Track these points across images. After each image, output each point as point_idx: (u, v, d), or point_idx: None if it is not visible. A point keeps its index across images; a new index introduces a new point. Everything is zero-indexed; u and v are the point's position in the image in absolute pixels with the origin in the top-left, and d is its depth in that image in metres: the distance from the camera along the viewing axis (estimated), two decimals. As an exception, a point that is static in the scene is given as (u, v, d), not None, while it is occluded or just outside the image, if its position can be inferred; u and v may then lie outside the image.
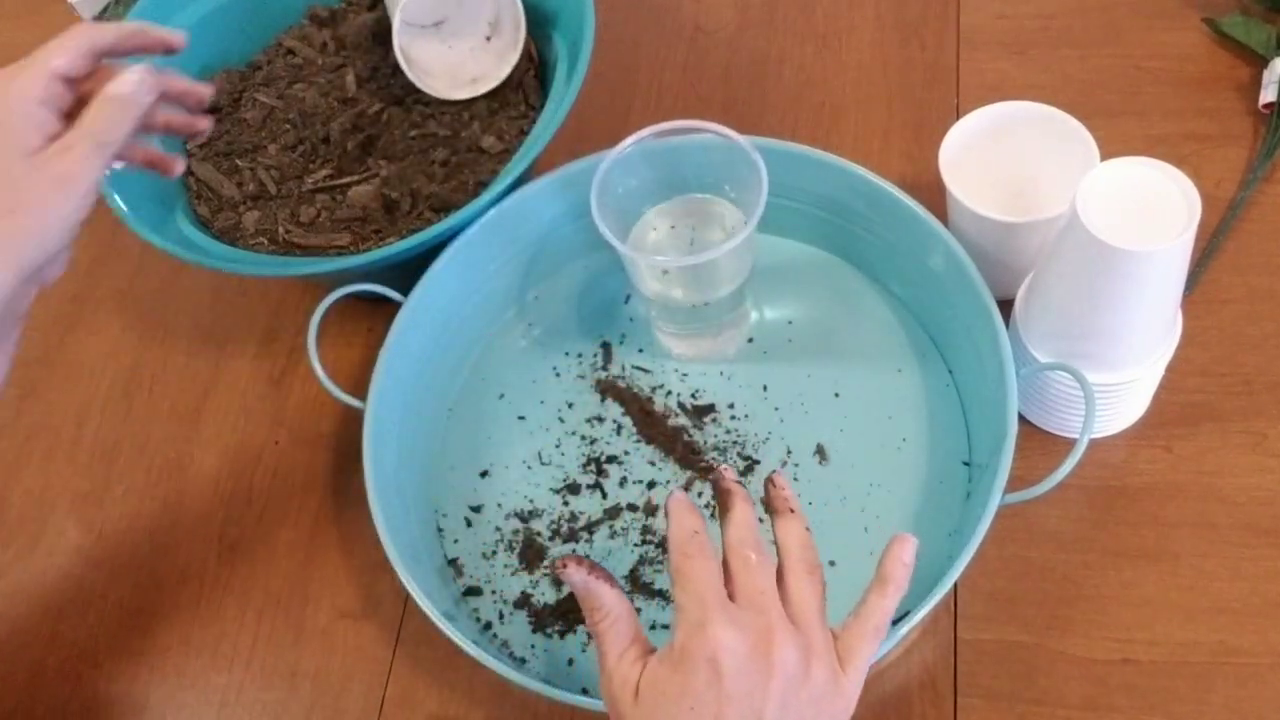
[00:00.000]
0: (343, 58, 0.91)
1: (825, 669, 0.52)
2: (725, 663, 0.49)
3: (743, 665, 0.50)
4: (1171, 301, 0.65)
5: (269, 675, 0.74)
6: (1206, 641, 0.67)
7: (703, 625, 0.50)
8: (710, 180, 0.75)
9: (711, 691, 0.49)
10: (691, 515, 0.55)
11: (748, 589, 0.53)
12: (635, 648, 0.54)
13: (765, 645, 0.50)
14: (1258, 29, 0.86)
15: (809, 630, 0.52)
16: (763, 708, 0.50)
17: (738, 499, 0.57)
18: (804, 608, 0.53)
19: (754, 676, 0.50)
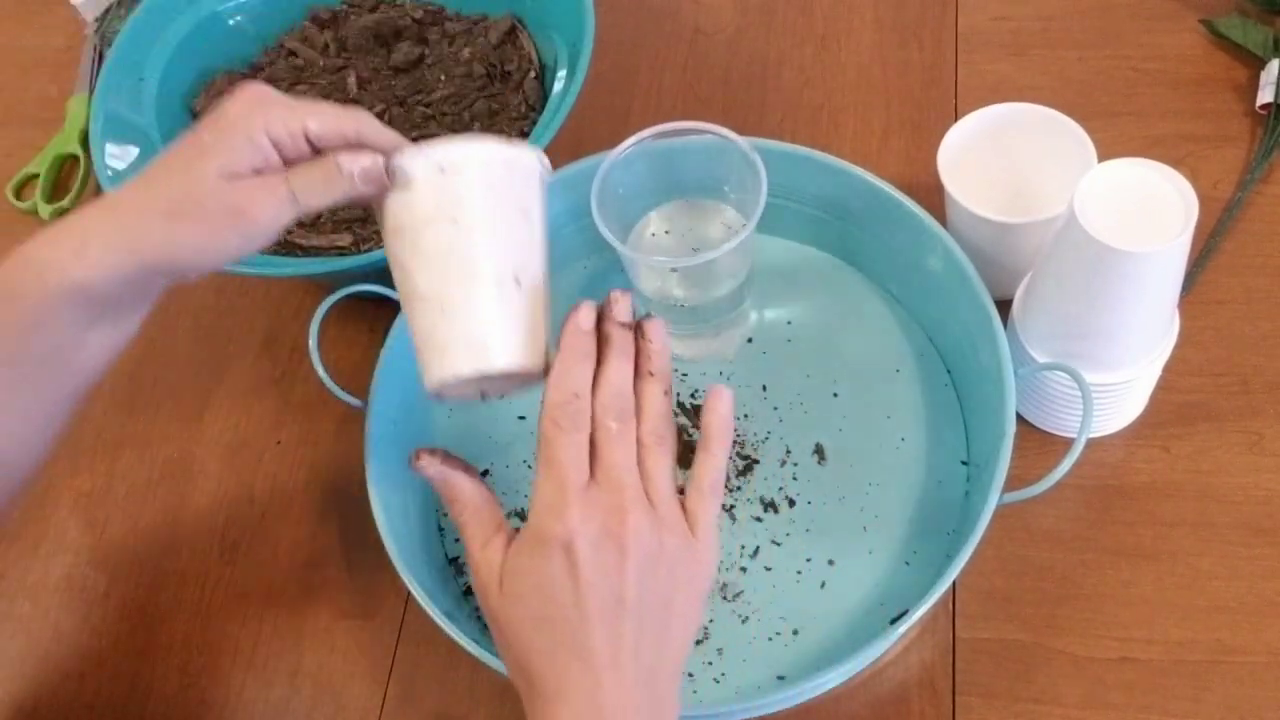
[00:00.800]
0: (344, 59, 0.91)
1: (677, 539, 0.53)
2: (580, 549, 0.50)
3: (597, 550, 0.51)
4: (1169, 302, 0.65)
5: (270, 674, 0.74)
6: (1204, 640, 0.67)
7: (558, 510, 0.51)
8: (710, 181, 0.76)
9: (569, 578, 0.50)
10: (580, 367, 0.54)
11: (606, 464, 0.52)
12: (499, 536, 0.54)
13: (618, 526, 0.51)
14: (1255, 30, 0.86)
15: (660, 503, 0.53)
16: (621, 588, 0.51)
17: (614, 351, 0.55)
18: (654, 481, 0.53)
19: (609, 559, 0.51)
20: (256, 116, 0.55)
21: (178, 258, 0.55)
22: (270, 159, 0.56)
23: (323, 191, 0.55)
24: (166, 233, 0.55)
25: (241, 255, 0.55)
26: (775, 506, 0.74)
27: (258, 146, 0.55)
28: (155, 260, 0.55)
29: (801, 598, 0.71)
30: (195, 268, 0.55)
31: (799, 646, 0.69)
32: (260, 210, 0.54)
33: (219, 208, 0.54)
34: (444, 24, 0.92)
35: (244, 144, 0.55)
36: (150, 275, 0.55)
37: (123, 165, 0.83)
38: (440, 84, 0.88)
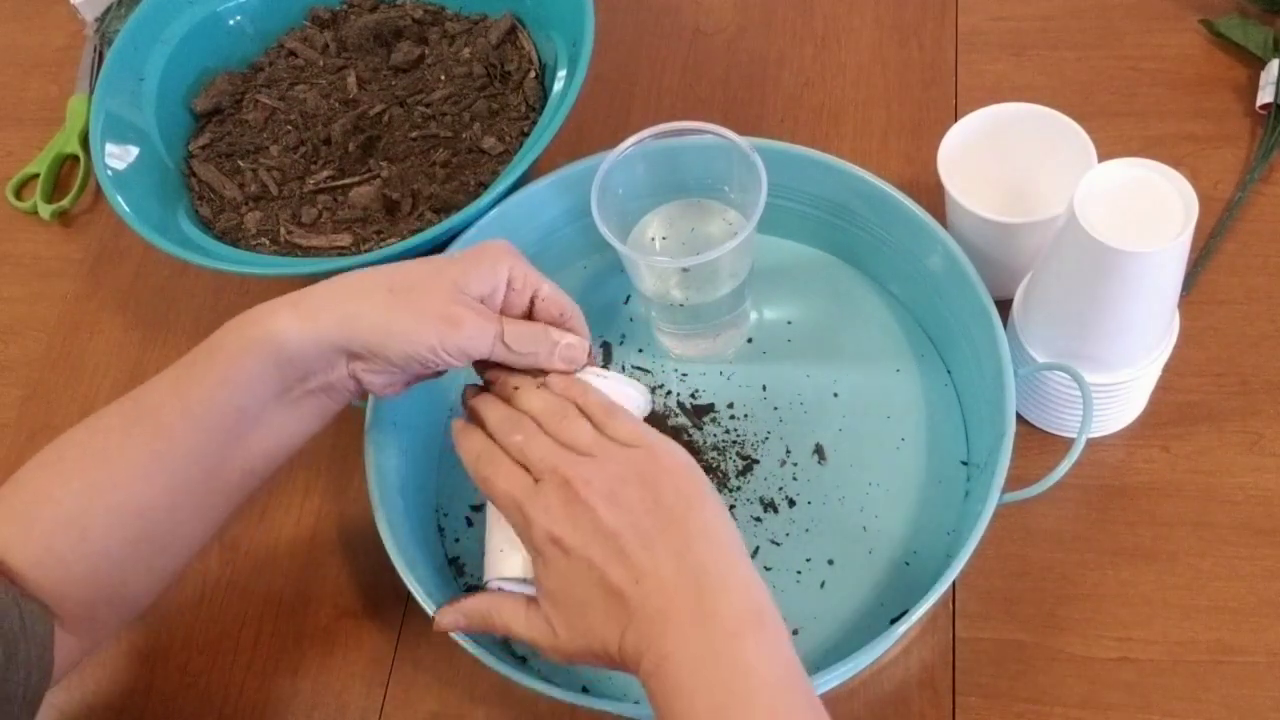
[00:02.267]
0: (344, 59, 0.91)
1: (620, 459, 0.56)
2: (562, 534, 0.54)
3: (571, 519, 0.54)
4: (1169, 302, 0.65)
5: (270, 674, 0.74)
6: (1203, 640, 0.67)
7: (526, 522, 0.56)
8: (710, 181, 0.76)
9: (575, 562, 0.54)
10: (467, 438, 0.60)
11: (531, 463, 0.57)
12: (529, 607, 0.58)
13: (570, 492, 0.55)
14: (1255, 30, 0.86)
15: (588, 449, 0.56)
16: (618, 533, 0.54)
17: (480, 403, 0.62)
18: (572, 440, 0.57)
19: (582, 517, 0.54)
20: (506, 257, 0.61)
21: (378, 329, 0.58)
22: (498, 293, 0.61)
23: (527, 344, 0.60)
24: (383, 303, 0.59)
25: (427, 362, 0.59)
26: (775, 506, 0.74)
27: (496, 276, 0.61)
28: (357, 327, 0.58)
29: (801, 598, 0.71)
30: (385, 349, 0.59)
31: (799, 646, 0.68)
32: (469, 327, 0.58)
33: (438, 306, 0.59)
34: (444, 24, 0.92)
35: (487, 269, 0.61)
36: (338, 351, 0.59)
37: (122, 165, 0.83)
38: (440, 84, 0.88)
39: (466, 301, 0.59)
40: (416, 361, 0.59)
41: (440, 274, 0.60)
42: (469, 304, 0.59)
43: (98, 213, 0.97)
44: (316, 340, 0.59)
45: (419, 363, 0.59)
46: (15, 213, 0.98)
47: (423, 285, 0.60)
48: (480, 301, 0.61)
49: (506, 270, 0.61)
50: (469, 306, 0.59)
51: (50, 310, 0.92)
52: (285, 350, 0.59)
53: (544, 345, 0.61)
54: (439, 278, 0.60)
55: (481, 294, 0.60)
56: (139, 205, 0.80)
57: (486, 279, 0.61)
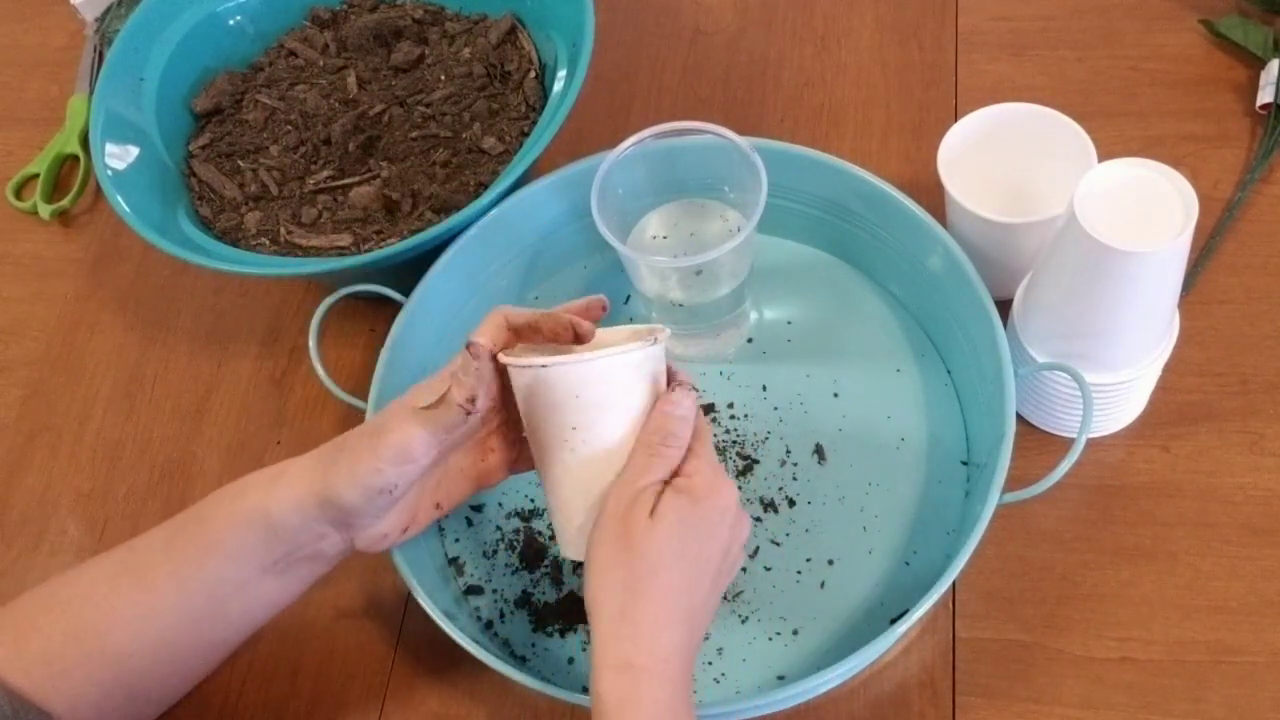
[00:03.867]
0: (344, 59, 0.91)
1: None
2: (733, 513, 0.59)
3: (736, 519, 0.60)
4: (1169, 302, 0.65)
5: (270, 674, 0.74)
6: (1204, 640, 0.67)
7: (717, 485, 0.58)
8: (710, 181, 0.76)
9: (723, 529, 0.59)
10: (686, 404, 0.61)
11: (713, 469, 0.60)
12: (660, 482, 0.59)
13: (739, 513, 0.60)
14: (1255, 30, 0.86)
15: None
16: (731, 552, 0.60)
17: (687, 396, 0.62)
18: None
19: (738, 529, 0.60)
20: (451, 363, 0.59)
21: (332, 489, 0.58)
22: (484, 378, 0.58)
23: (432, 391, 0.57)
24: (332, 459, 0.59)
25: (379, 480, 0.58)
26: (775, 506, 0.74)
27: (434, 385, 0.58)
28: (319, 490, 0.58)
29: (801, 598, 0.71)
30: (341, 497, 0.58)
31: (799, 646, 0.69)
32: (389, 427, 0.57)
33: (365, 431, 0.59)
34: (444, 24, 0.92)
35: (425, 386, 0.59)
36: (318, 512, 0.59)
37: (122, 165, 0.83)
38: (440, 84, 0.88)
39: (385, 411, 0.59)
40: (373, 492, 0.58)
41: (396, 402, 0.59)
42: (394, 405, 0.59)
43: (98, 213, 0.97)
44: (298, 511, 0.59)
45: (376, 492, 0.58)
46: (15, 213, 0.98)
47: (365, 425, 0.60)
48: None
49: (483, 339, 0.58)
50: (393, 407, 0.59)
51: (50, 310, 0.92)
52: (274, 525, 0.59)
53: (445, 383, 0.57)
54: (382, 413, 0.59)
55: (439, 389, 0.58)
56: (139, 205, 0.80)
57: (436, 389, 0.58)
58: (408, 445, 0.57)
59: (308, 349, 0.73)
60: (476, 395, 0.57)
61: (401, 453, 0.57)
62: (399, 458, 0.57)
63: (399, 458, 0.57)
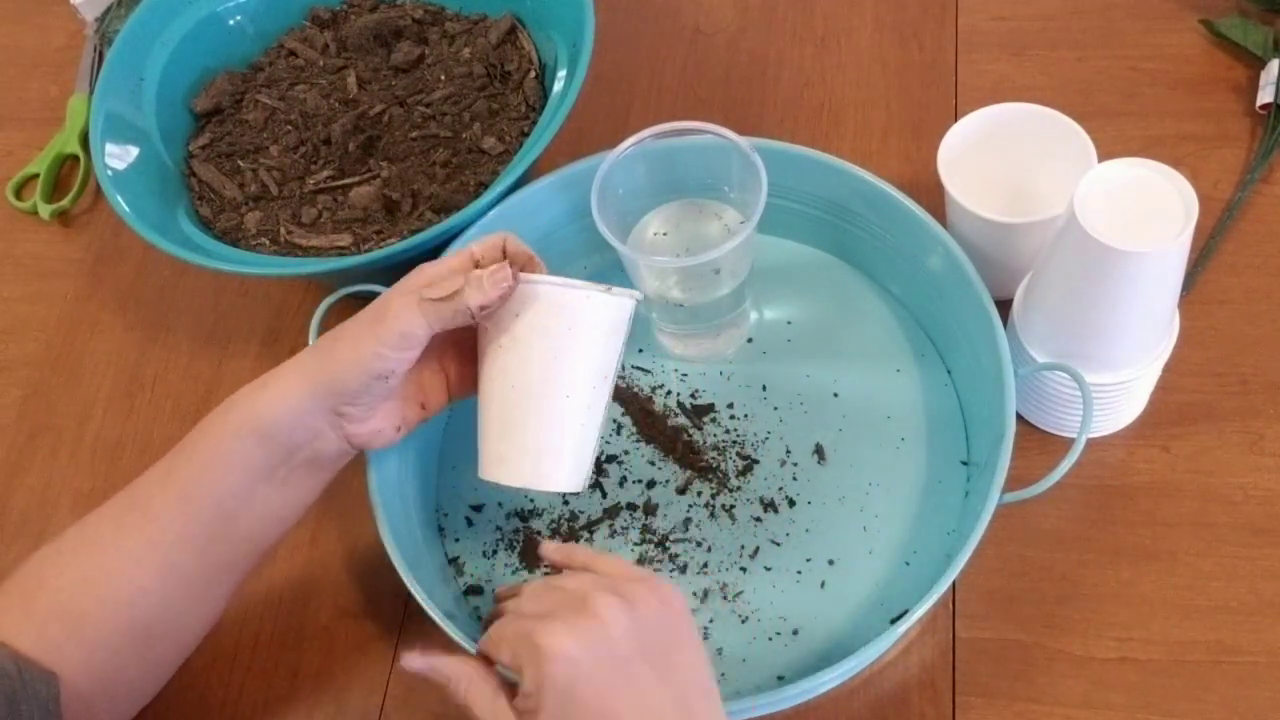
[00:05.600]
0: (344, 59, 0.91)
1: (640, 585, 0.55)
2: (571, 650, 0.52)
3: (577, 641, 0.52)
4: (1169, 302, 0.65)
5: (270, 674, 0.74)
6: (1204, 640, 0.67)
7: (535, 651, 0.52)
8: (710, 181, 0.76)
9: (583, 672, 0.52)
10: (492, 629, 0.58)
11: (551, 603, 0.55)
12: (502, 695, 0.56)
13: (583, 606, 0.53)
14: (1255, 30, 0.86)
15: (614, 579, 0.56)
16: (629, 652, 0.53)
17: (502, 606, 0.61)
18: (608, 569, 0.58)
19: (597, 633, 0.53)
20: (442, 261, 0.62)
21: (330, 373, 0.59)
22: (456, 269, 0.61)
23: (446, 286, 0.59)
24: (326, 350, 0.60)
25: (378, 364, 0.59)
26: (775, 506, 0.74)
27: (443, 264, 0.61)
28: (315, 383, 0.59)
29: (801, 598, 0.71)
30: (341, 381, 0.59)
31: (799, 646, 0.69)
32: (393, 309, 0.59)
33: (365, 319, 0.60)
34: (444, 24, 0.92)
35: (417, 274, 0.61)
36: (312, 403, 0.60)
37: (122, 165, 0.83)
38: (440, 84, 0.88)
39: (384, 297, 0.61)
40: (371, 376, 0.59)
41: (396, 290, 0.61)
42: (385, 297, 0.60)
43: (98, 213, 0.97)
44: (290, 410, 0.59)
45: (374, 375, 0.59)
46: (15, 213, 0.98)
47: (363, 313, 0.61)
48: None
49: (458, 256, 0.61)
50: (386, 298, 0.60)
51: (50, 310, 0.92)
52: (266, 427, 0.60)
53: (459, 280, 0.59)
54: (381, 299, 0.61)
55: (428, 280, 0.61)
56: (139, 205, 0.80)
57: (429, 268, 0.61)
58: (410, 330, 0.59)
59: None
60: (491, 306, 0.60)
61: (403, 337, 0.59)
62: (402, 342, 0.59)
63: (402, 342, 0.59)
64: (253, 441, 0.60)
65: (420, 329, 0.59)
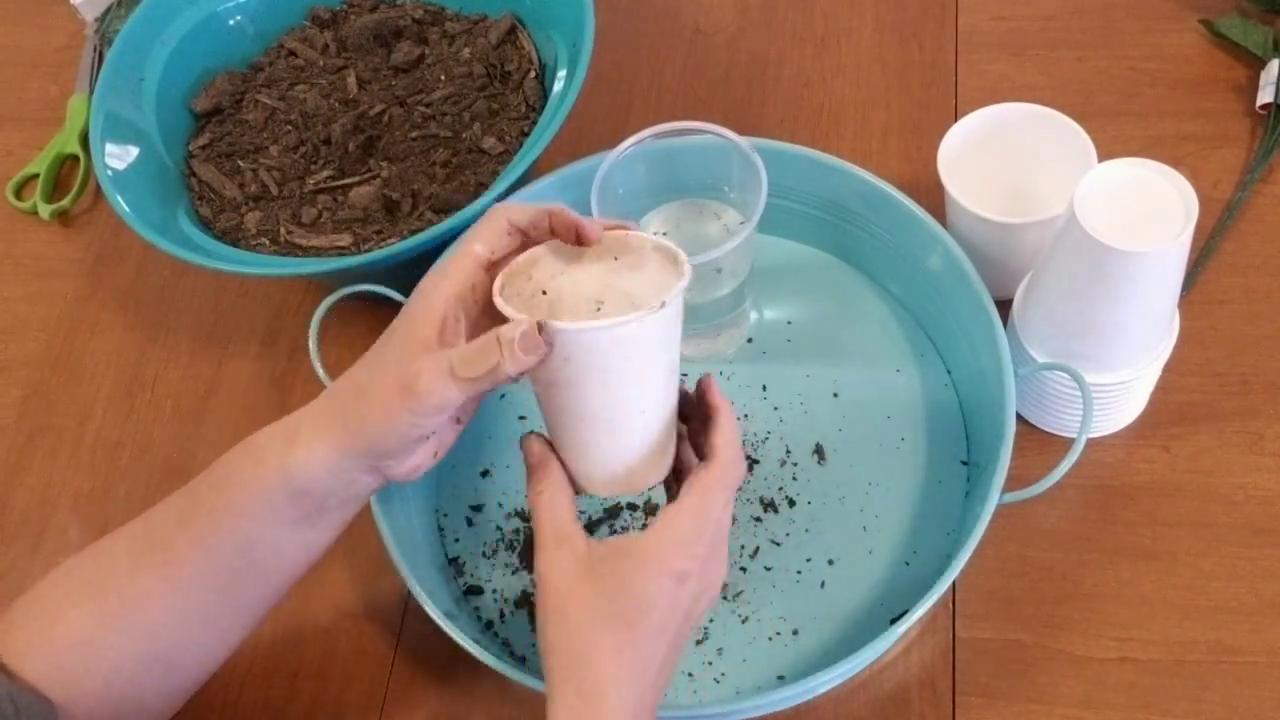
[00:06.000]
0: (344, 59, 0.91)
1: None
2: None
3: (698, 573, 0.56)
4: (1169, 302, 0.65)
5: (270, 674, 0.74)
6: (1204, 640, 0.67)
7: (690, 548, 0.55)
8: (710, 181, 0.76)
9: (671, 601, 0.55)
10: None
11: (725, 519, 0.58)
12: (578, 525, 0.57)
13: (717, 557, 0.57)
14: (1255, 30, 0.86)
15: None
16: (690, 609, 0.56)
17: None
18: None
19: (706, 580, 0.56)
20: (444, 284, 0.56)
21: (366, 440, 0.56)
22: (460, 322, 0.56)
23: (480, 365, 0.54)
24: (354, 413, 0.56)
25: (416, 431, 0.56)
26: (775, 506, 0.74)
27: (435, 310, 0.55)
28: (347, 444, 0.56)
29: (801, 598, 0.71)
30: (379, 450, 0.56)
31: (799, 646, 0.69)
32: (424, 384, 0.54)
33: (392, 384, 0.55)
34: (444, 24, 0.92)
35: (424, 314, 0.56)
36: (349, 464, 0.57)
37: (123, 165, 0.83)
38: (440, 84, 0.88)
39: (414, 362, 0.55)
40: (410, 440, 0.56)
41: (396, 337, 0.57)
42: (417, 363, 0.55)
43: (98, 213, 0.97)
44: (327, 469, 0.57)
45: (413, 440, 0.56)
46: (15, 213, 0.98)
47: (383, 365, 0.56)
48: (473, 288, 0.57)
49: (467, 281, 0.56)
50: (417, 364, 0.55)
51: (50, 310, 0.92)
52: (300, 486, 0.57)
53: (494, 354, 0.53)
54: (396, 341, 0.56)
55: (434, 334, 0.55)
56: (139, 205, 0.80)
57: (440, 317, 0.56)
58: (445, 403, 0.55)
59: (308, 349, 0.73)
60: (528, 369, 0.55)
61: (440, 410, 0.55)
62: (438, 412, 0.55)
63: (438, 412, 0.55)
64: (283, 497, 0.57)
65: (456, 399, 0.55)
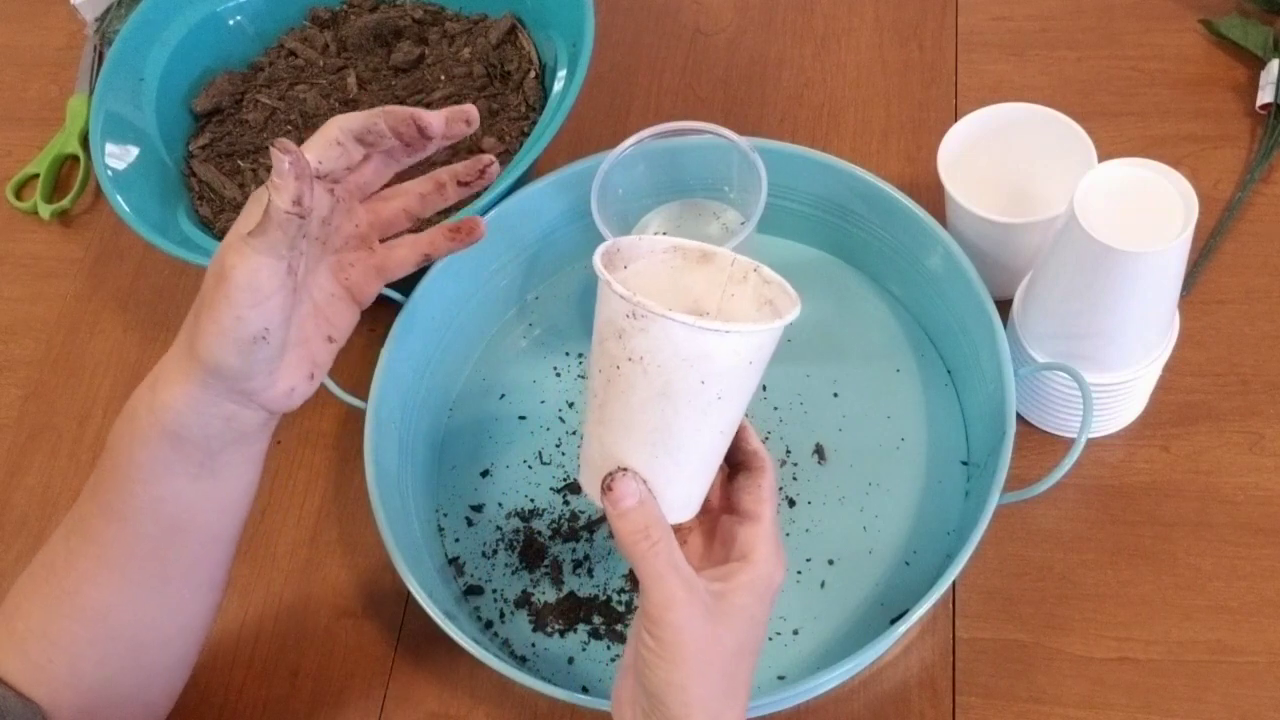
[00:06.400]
0: (344, 59, 0.91)
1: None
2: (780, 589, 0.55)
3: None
4: (1169, 302, 0.65)
5: (270, 674, 0.74)
6: (1203, 640, 0.67)
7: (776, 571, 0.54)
8: (710, 181, 0.76)
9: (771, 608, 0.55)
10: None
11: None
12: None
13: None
14: (1255, 30, 0.86)
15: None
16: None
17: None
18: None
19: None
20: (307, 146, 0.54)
21: (205, 359, 0.53)
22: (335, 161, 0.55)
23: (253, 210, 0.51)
24: (195, 335, 0.54)
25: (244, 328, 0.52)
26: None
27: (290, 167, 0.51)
28: (198, 373, 0.54)
29: (801, 598, 0.71)
30: (223, 366, 0.53)
31: (799, 646, 0.69)
32: (229, 266, 0.51)
33: (209, 285, 0.53)
34: (444, 24, 0.92)
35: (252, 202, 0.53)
36: (208, 394, 0.55)
37: (123, 165, 0.83)
38: (440, 84, 0.88)
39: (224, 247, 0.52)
40: (245, 344, 0.53)
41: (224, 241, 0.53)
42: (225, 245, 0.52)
43: (98, 213, 0.97)
44: (189, 405, 0.54)
45: (248, 341, 0.53)
46: (15, 213, 0.98)
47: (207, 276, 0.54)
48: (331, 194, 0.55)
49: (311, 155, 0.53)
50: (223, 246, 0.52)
51: (50, 310, 0.92)
52: (172, 430, 0.55)
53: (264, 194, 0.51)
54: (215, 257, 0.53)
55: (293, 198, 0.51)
56: (139, 205, 0.80)
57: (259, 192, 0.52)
58: (255, 278, 0.51)
59: (308, 349, 0.73)
60: (301, 195, 0.51)
61: (252, 288, 0.51)
62: (252, 296, 0.52)
63: (252, 296, 0.52)
64: (164, 446, 0.55)
65: (263, 270, 0.51)
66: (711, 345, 0.49)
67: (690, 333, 0.48)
